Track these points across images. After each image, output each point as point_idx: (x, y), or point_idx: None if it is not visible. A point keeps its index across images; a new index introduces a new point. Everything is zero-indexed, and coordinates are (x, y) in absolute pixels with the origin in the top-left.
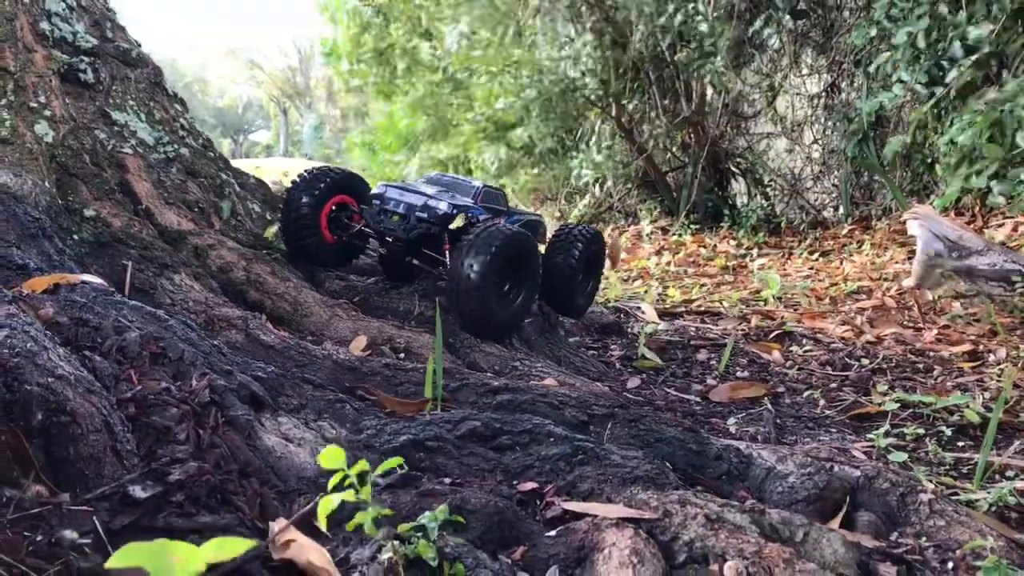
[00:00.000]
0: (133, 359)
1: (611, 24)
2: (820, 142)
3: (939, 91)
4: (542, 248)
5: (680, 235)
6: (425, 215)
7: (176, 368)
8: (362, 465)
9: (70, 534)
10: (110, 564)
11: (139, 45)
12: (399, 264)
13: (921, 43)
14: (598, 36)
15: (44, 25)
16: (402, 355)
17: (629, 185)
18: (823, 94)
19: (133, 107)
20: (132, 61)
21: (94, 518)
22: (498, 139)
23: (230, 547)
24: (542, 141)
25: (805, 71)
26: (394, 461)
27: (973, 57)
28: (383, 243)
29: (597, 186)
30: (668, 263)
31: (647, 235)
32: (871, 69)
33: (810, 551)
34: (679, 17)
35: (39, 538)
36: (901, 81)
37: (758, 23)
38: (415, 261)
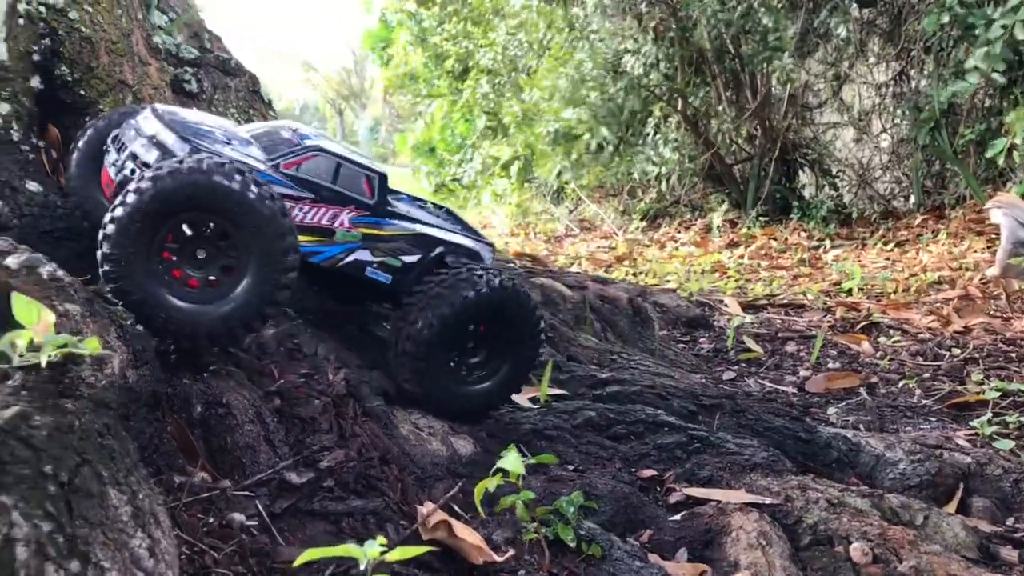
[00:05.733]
0: (271, 354)
1: (675, 18)
2: (889, 131)
3: None
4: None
5: (750, 228)
6: (143, 158)
7: (311, 363)
8: (512, 450)
9: (239, 516)
10: (298, 562)
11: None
12: None
13: (1021, 35)
14: (663, 31)
15: (156, 39)
16: None
17: (695, 179)
18: (891, 82)
19: (234, 115)
20: (231, 70)
21: (256, 502)
22: (566, 148)
23: (408, 552)
24: (605, 144)
25: (872, 60)
26: (549, 458)
27: None
28: None
29: (663, 181)
30: (741, 256)
31: (716, 228)
32: (969, 65)
33: (931, 534)
34: (739, 9)
35: (211, 520)
36: (976, 68)
37: (823, 13)
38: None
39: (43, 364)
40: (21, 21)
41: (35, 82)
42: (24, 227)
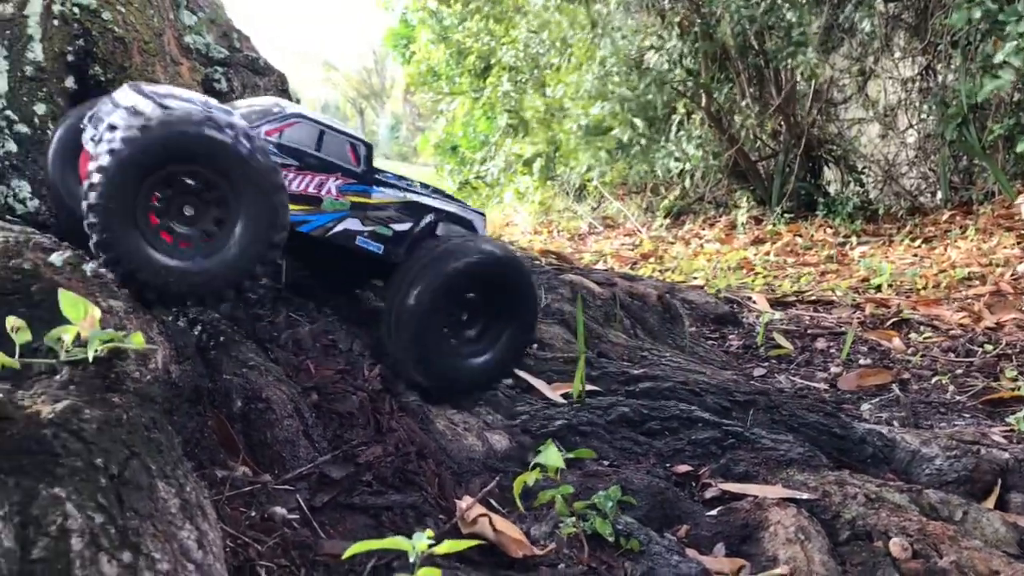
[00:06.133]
0: (308, 351)
1: (698, 14)
2: (916, 127)
3: None
4: None
5: (775, 225)
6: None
7: (347, 359)
8: (550, 444)
9: (280, 510)
10: (348, 554)
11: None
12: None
13: None
14: (687, 26)
15: (187, 39)
16: (534, 345)
17: (719, 175)
18: (917, 77)
19: None
20: (260, 69)
21: (297, 496)
22: (594, 143)
23: (456, 545)
24: (635, 139)
25: (897, 54)
26: (587, 452)
27: None
28: None
29: (688, 177)
30: (767, 253)
31: (741, 225)
32: (997, 60)
33: (970, 530)
34: (763, 4)
35: (252, 513)
36: (1007, 63)
37: (848, 8)
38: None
39: (90, 359)
40: (56, 22)
41: (70, 82)
42: (61, 224)
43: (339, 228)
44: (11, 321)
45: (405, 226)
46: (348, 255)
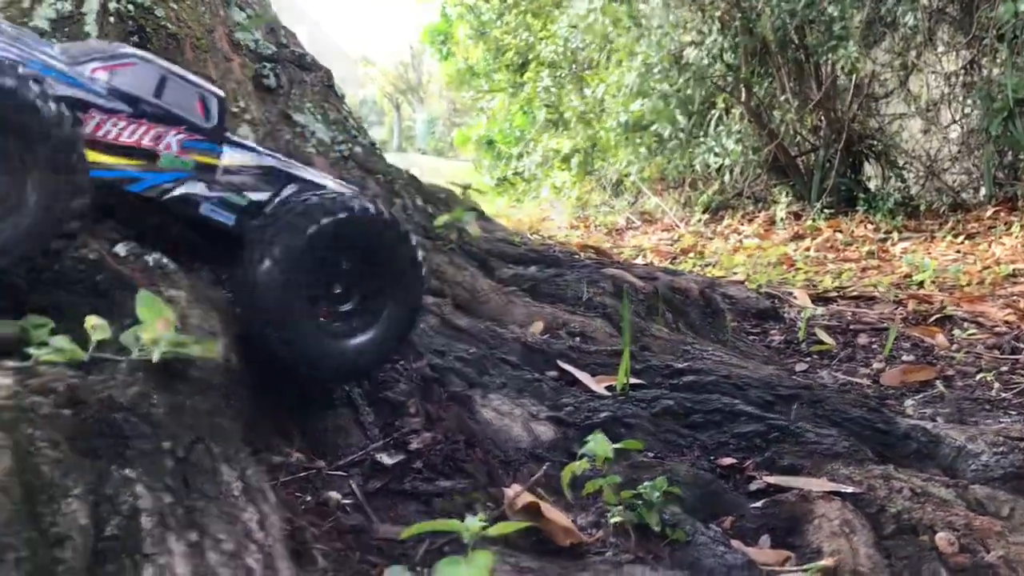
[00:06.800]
0: None
1: (739, 9)
2: (959, 122)
3: None
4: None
5: (815, 220)
6: None
7: None
8: (598, 434)
9: (335, 495)
10: (405, 535)
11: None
12: None
13: None
14: (728, 21)
15: (238, 35)
16: (578, 339)
17: (758, 170)
18: (961, 72)
19: (310, 108)
20: (306, 65)
21: (350, 482)
22: (634, 139)
23: (508, 527)
24: (674, 134)
25: (941, 48)
26: (635, 443)
27: None
28: None
29: (727, 172)
30: (807, 249)
31: (780, 220)
32: None
33: (1017, 525)
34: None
35: (308, 498)
36: None
37: (891, 1)
38: None
39: (155, 359)
40: (112, 19)
41: None
42: None
43: (179, 191)
44: (91, 320)
45: (263, 195)
46: (192, 225)
